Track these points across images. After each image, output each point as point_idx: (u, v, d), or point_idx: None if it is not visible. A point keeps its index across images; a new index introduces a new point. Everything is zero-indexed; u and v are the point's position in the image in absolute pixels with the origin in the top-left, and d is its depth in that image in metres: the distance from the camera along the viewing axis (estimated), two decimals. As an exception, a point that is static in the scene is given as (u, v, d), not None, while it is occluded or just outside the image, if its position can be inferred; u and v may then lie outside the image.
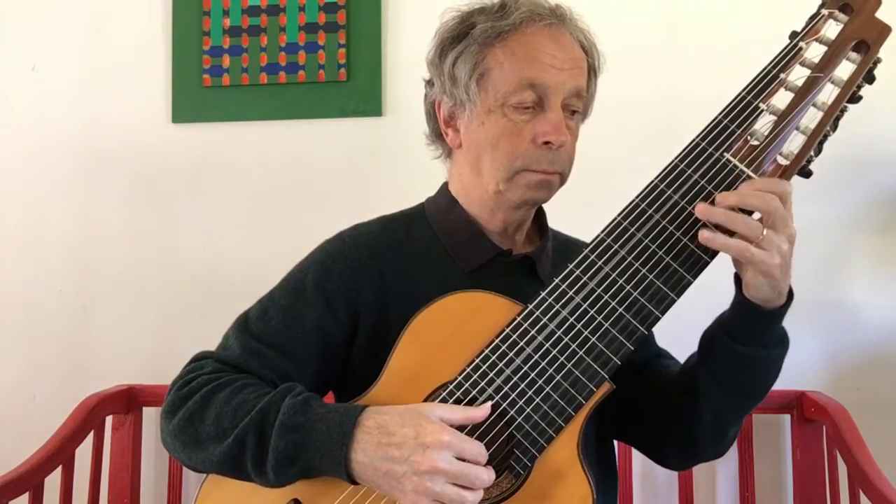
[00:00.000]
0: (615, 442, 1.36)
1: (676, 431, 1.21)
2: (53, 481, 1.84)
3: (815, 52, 1.04)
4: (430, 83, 1.29)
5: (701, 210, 1.02)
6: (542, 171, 1.17)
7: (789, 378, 1.92)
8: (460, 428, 1.02)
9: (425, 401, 1.09)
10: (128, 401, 2.07)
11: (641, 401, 1.22)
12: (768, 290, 1.03)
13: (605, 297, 1.06)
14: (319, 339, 1.19)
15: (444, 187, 1.31)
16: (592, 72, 1.23)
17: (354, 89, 2.18)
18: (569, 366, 1.05)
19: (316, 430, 1.03)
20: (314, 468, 1.03)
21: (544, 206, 1.33)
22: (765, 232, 0.99)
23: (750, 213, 1.01)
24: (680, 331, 1.18)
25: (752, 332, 1.09)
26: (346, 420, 1.02)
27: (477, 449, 1.00)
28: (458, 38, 1.21)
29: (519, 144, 1.17)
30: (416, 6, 2.17)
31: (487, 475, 0.99)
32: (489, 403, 1.04)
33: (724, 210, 1.01)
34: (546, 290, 1.08)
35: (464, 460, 0.99)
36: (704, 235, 1.01)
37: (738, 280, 1.09)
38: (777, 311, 1.07)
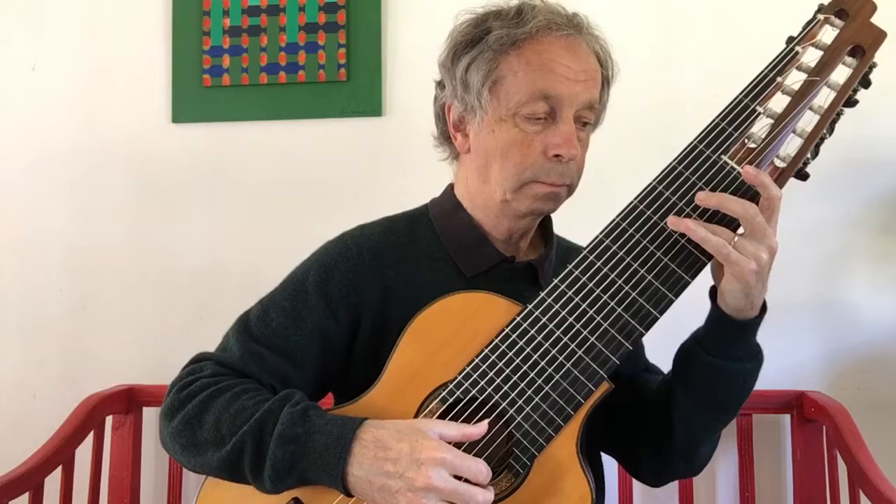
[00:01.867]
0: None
1: (649, 445, 1.22)
2: (53, 481, 1.84)
3: (811, 56, 1.05)
4: (440, 85, 1.27)
5: (671, 222, 1.04)
6: (551, 184, 1.17)
7: (789, 378, 1.96)
8: (458, 445, 1.01)
9: (425, 400, 1.09)
10: (128, 401, 2.08)
11: (622, 414, 1.22)
12: (741, 298, 1.04)
13: (604, 297, 1.07)
14: (320, 341, 1.19)
15: (450, 190, 1.30)
16: (606, 82, 1.23)
17: (354, 89, 2.18)
18: (568, 365, 1.06)
19: (314, 441, 1.03)
20: (310, 479, 1.04)
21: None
22: (737, 238, 1.00)
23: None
24: (680, 333, 1.18)
25: (725, 344, 1.09)
26: (344, 433, 1.02)
27: (475, 467, 0.99)
28: (472, 42, 1.19)
29: (529, 156, 1.16)
30: (416, 6, 2.16)
31: (483, 496, 0.98)
32: (486, 421, 1.04)
33: (693, 223, 1.02)
34: (545, 291, 1.09)
35: (462, 478, 0.98)
36: (688, 224, 1.02)
37: (713, 294, 1.10)
38: (749, 323, 1.08)
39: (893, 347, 1.98)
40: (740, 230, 1.03)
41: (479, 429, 1.02)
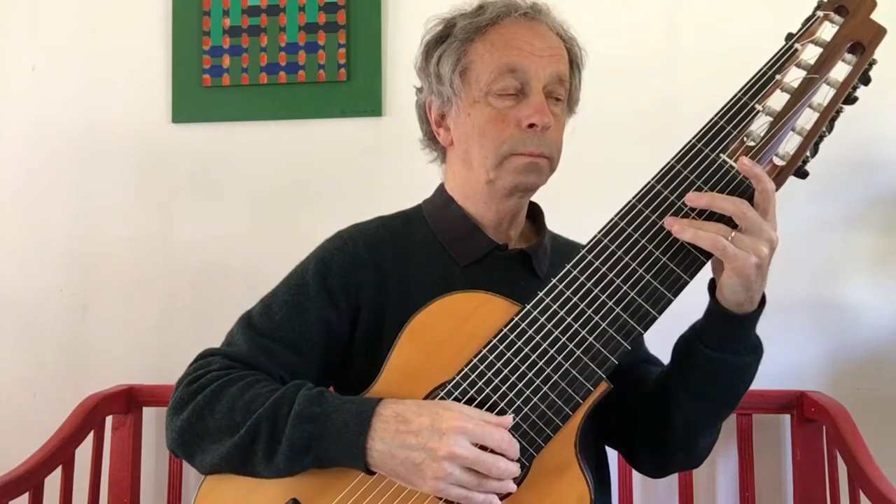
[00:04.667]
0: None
1: (649, 437, 1.22)
2: (53, 481, 1.84)
3: (810, 53, 1.05)
4: (419, 89, 1.33)
5: (667, 223, 1.04)
6: (529, 154, 1.19)
7: (789, 378, 1.96)
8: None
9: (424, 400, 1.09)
10: (128, 401, 2.08)
11: (622, 406, 1.23)
12: (741, 292, 1.04)
13: (603, 297, 1.06)
14: (323, 331, 1.20)
15: (441, 187, 1.33)
16: (575, 64, 1.27)
17: (354, 89, 2.18)
18: (566, 365, 1.05)
19: (332, 420, 1.04)
20: (328, 458, 1.04)
21: (542, 207, 1.34)
22: (733, 234, 1.00)
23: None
24: (679, 327, 1.17)
25: (724, 337, 1.09)
26: (364, 410, 1.04)
27: (497, 435, 1.00)
28: (442, 39, 1.26)
29: (504, 130, 1.19)
30: (416, 6, 2.17)
31: (505, 464, 1.00)
32: (510, 416, 1.04)
33: (681, 223, 1.03)
34: (544, 291, 1.09)
35: (486, 449, 0.99)
36: (675, 227, 1.03)
37: (712, 287, 1.10)
38: (749, 317, 1.08)
39: (893, 347, 1.97)
40: None
41: (502, 420, 1.03)
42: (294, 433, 1.04)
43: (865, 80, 1.04)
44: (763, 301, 1.08)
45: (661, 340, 1.23)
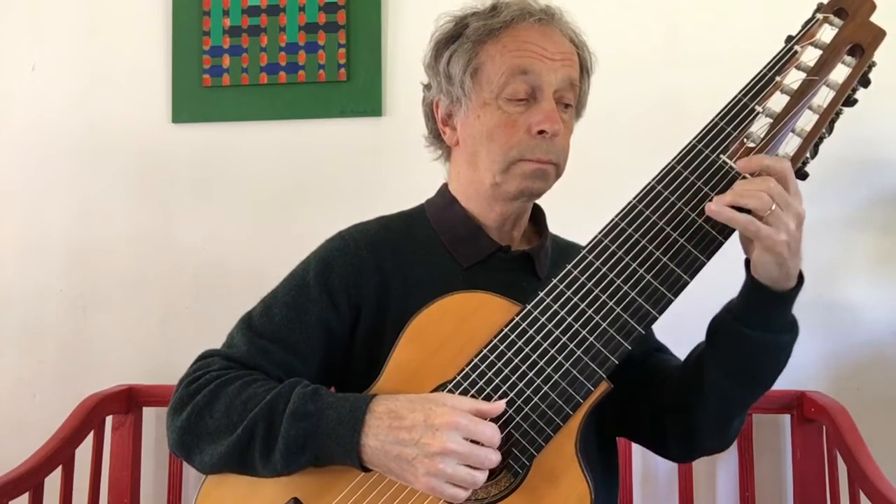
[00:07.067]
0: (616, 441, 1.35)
1: (679, 423, 1.21)
2: (53, 481, 1.84)
3: (810, 55, 1.05)
4: (427, 86, 1.32)
5: (710, 208, 1.02)
6: (537, 161, 1.19)
7: (789, 378, 1.92)
8: None
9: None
10: (128, 401, 2.08)
11: (641, 395, 1.22)
12: (775, 269, 1.03)
13: (603, 297, 1.06)
14: (323, 333, 1.20)
15: (444, 187, 1.33)
16: (584, 69, 1.26)
17: (354, 89, 2.18)
18: (567, 365, 1.05)
19: (327, 417, 1.04)
20: (324, 455, 1.04)
21: (543, 208, 1.34)
22: (773, 207, 0.99)
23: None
24: (679, 333, 1.18)
25: (760, 315, 1.08)
26: (357, 407, 1.04)
27: (489, 431, 1.00)
28: (453, 38, 1.24)
29: (514, 135, 1.18)
30: (416, 6, 2.17)
31: (496, 456, 1.01)
32: (503, 401, 1.04)
33: (713, 205, 1.01)
34: (544, 291, 1.09)
35: (475, 442, 1.00)
36: (711, 208, 1.01)
37: (748, 264, 1.08)
38: (786, 294, 1.06)
39: (893, 347, 1.97)
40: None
41: (495, 406, 1.03)
42: (290, 431, 1.04)
43: (865, 83, 1.05)
44: (801, 278, 1.07)
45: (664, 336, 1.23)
